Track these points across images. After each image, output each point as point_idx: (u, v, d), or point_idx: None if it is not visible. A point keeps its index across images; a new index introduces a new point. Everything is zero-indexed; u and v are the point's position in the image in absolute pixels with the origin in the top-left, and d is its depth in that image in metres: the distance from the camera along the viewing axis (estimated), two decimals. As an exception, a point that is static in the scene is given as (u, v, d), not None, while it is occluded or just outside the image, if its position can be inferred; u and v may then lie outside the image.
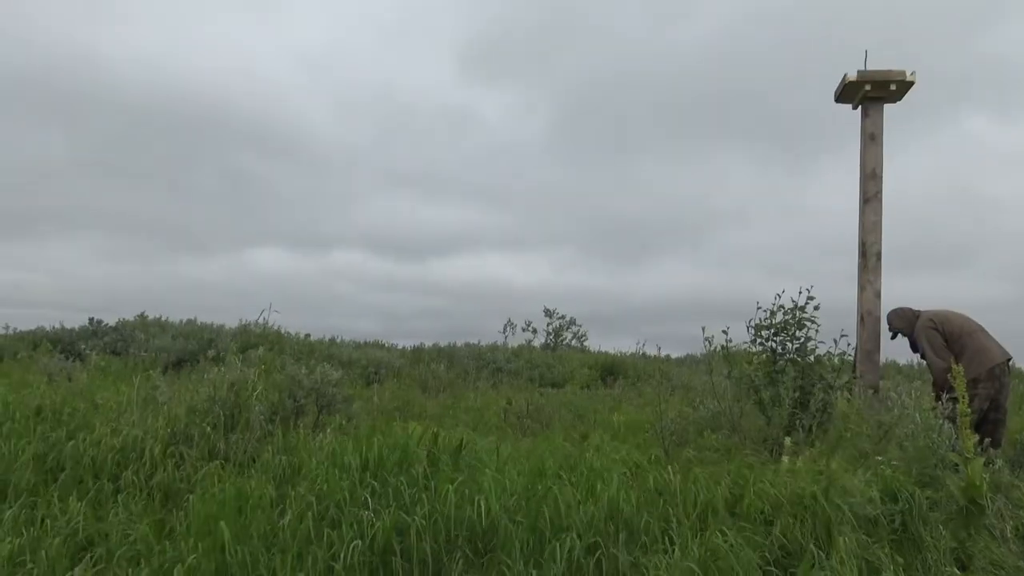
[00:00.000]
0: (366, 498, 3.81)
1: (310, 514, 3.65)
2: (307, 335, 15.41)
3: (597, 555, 3.34)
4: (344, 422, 6.48)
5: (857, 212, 7.26)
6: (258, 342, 12.81)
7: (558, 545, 3.32)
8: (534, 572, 3.22)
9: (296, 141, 45.14)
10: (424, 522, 3.50)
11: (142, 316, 15.85)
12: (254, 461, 4.93)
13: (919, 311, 6.76)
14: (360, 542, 3.40)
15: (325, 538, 3.51)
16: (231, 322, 15.45)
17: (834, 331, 6.54)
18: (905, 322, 6.76)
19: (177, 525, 3.92)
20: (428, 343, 18.14)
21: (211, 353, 10.98)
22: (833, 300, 7.08)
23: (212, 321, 15.78)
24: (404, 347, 18.03)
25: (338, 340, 17.11)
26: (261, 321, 14.52)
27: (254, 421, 5.53)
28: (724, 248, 42.22)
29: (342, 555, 3.32)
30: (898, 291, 7.20)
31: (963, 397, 4.57)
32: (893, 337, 6.89)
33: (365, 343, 17.88)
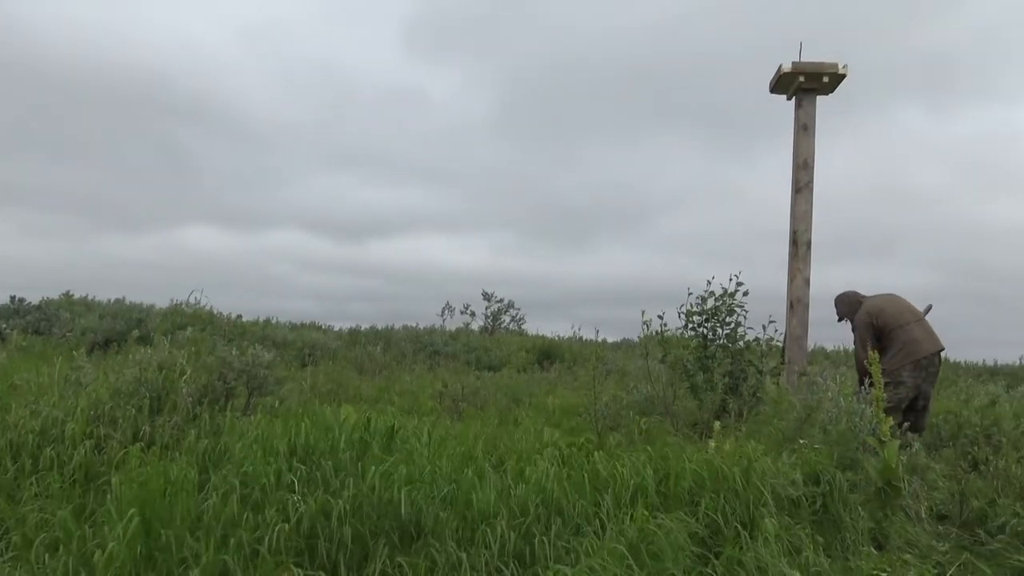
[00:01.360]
0: (293, 481, 3.75)
1: (235, 497, 3.58)
2: (238, 316, 15.11)
3: (527, 539, 3.35)
4: (276, 404, 6.38)
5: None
6: (189, 323, 12.50)
7: (488, 529, 3.32)
8: (463, 556, 3.22)
9: (233, 117, 44.11)
10: (349, 506, 3.46)
11: (67, 295, 15.33)
12: (180, 444, 4.82)
13: (863, 298, 6.92)
14: (286, 525, 3.35)
15: (250, 521, 3.45)
16: (162, 302, 15.07)
17: (771, 316, 6.70)
18: (850, 308, 6.93)
19: (98, 509, 3.80)
20: (365, 325, 17.97)
21: (138, 334, 10.66)
22: (769, 286, 7.26)
23: (142, 301, 15.37)
24: (341, 329, 17.85)
25: (273, 321, 16.84)
26: (192, 301, 14.20)
27: (182, 403, 5.40)
28: (663, 233, 42.88)
29: (267, 538, 3.27)
30: (831, 279, 7.41)
31: (879, 384, 4.71)
32: (840, 321, 7.08)
33: (301, 325, 17.64)
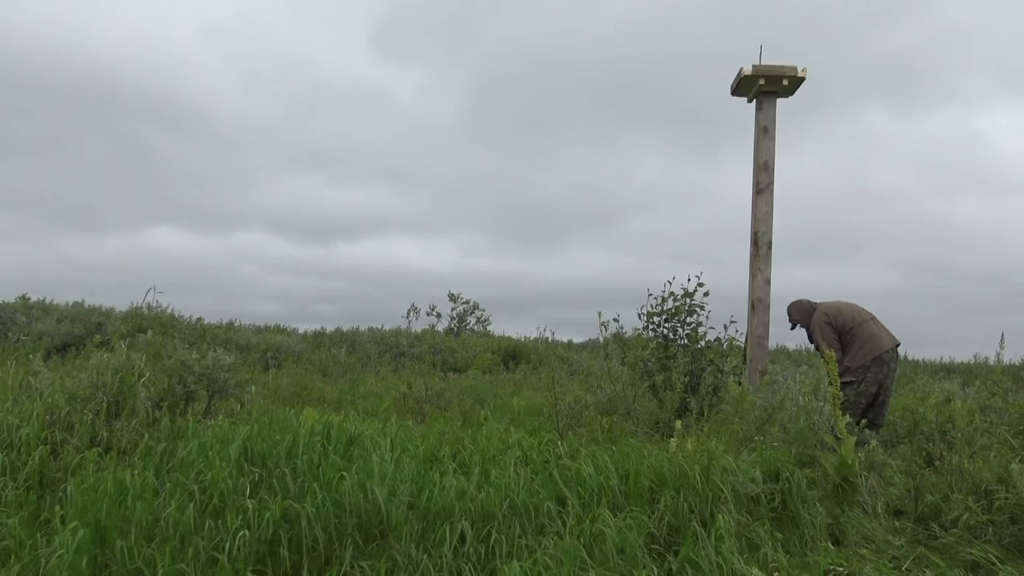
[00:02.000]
0: (253, 486, 3.71)
1: (192, 504, 3.53)
2: (199, 319, 14.93)
3: (488, 539, 3.35)
4: (237, 408, 6.31)
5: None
6: (149, 325, 12.31)
7: (448, 530, 3.32)
8: (424, 557, 3.21)
9: (199, 116, 43.51)
10: (313, 510, 3.43)
11: (23, 298, 15.00)
12: (137, 449, 4.74)
13: (815, 304, 7.06)
14: (247, 532, 3.31)
15: (209, 528, 3.40)
16: (125, 305, 14.82)
17: (736, 315, 6.78)
18: (803, 314, 7.08)
19: (52, 517, 3.73)
20: (331, 327, 17.89)
21: (99, 338, 10.48)
22: (737, 287, 7.34)
23: (102, 304, 15.11)
24: (306, 331, 17.75)
25: (236, 324, 16.69)
26: (153, 304, 13.98)
27: (140, 408, 5.32)
28: (633, 234, 43.12)
29: (227, 545, 3.23)
30: (795, 279, 7.53)
31: (837, 382, 4.79)
32: (792, 328, 7.19)
33: (265, 327, 17.52)
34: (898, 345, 6.69)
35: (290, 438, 4.32)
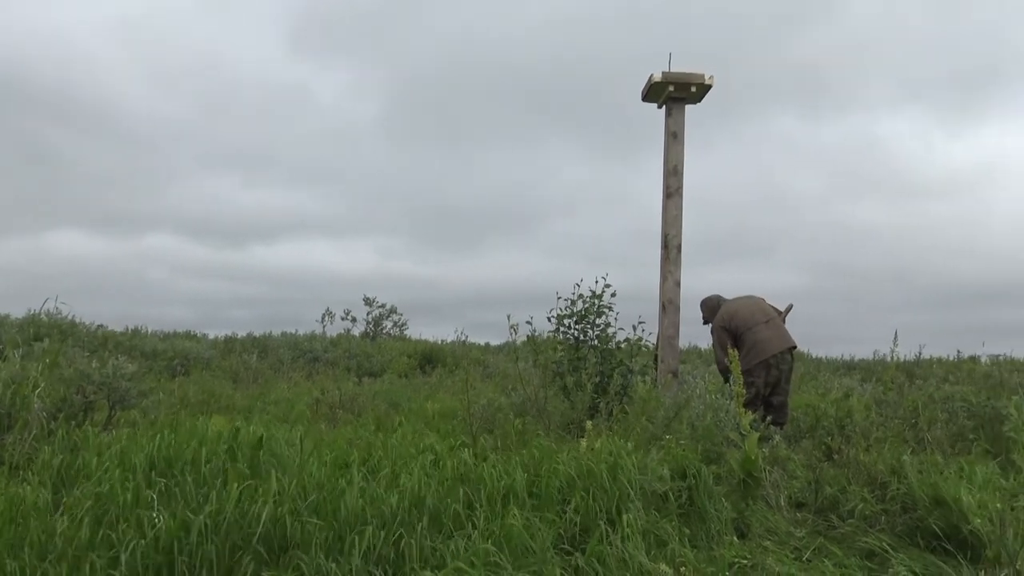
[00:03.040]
0: (152, 498, 3.58)
1: (87, 519, 3.38)
2: (100, 326, 14.38)
3: (398, 544, 3.32)
4: (139, 418, 6.10)
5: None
6: (47, 333, 11.78)
7: (356, 537, 3.27)
8: (332, 566, 3.16)
9: (105, 114, 41.85)
10: (211, 521, 3.33)
11: (-95, 305, 14.13)
12: (32, 463, 4.52)
13: (724, 301, 7.27)
14: (142, 541, 3.19)
15: (106, 543, 3.27)
16: (21, 312, 14.11)
17: (641, 317, 6.91)
18: (710, 313, 7.29)
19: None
20: (243, 333, 17.49)
21: (-6, 347, 9.94)
22: (650, 288, 7.48)
23: (-3, 311, 14.34)
24: (216, 337, 17.30)
25: (142, 330, 16.13)
26: (53, 311, 13.37)
27: (34, 420, 5.08)
28: (552, 236, 43.47)
29: (122, 558, 3.11)
30: (709, 280, 7.74)
31: (739, 381, 4.93)
32: (705, 323, 7.38)
33: (174, 333, 16.99)
34: (792, 348, 6.93)
35: (195, 446, 4.20)
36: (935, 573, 3.56)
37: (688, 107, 7.68)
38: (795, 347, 7.00)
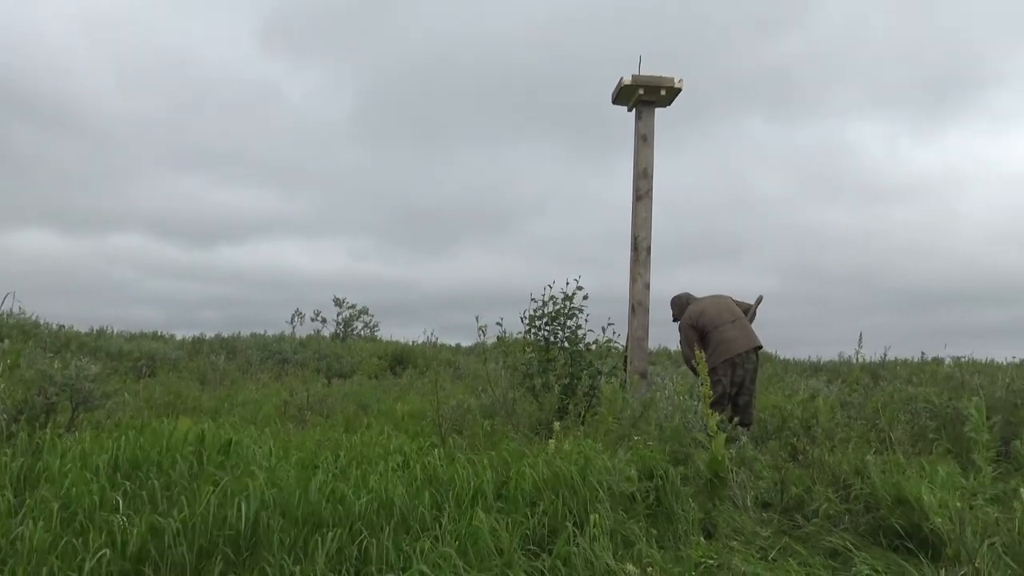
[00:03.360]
0: (118, 502, 3.53)
1: (52, 521, 3.33)
2: (61, 326, 14.16)
3: (363, 545, 3.30)
4: (104, 419, 6.00)
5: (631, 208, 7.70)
6: (7, 334, 11.57)
7: (320, 539, 3.25)
8: (296, 568, 3.14)
9: (71, 110, 41.19)
10: (181, 525, 3.30)
11: None
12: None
13: (691, 300, 7.32)
14: (109, 550, 3.14)
15: (70, 548, 3.22)
16: (-19, 313, 13.83)
17: (610, 318, 6.94)
18: (679, 311, 7.34)
19: None
20: (211, 333, 17.31)
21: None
22: (620, 289, 7.52)
23: (-45, 312, 14.05)
24: (184, 338, 17.12)
25: (108, 331, 15.90)
26: (15, 310, 13.14)
27: (-8, 422, 4.98)
28: (524, 237, 43.50)
29: (87, 564, 3.06)
30: (679, 282, 7.79)
31: (705, 382, 4.98)
32: (674, 321, 7.43)
33: (141, 334, 16.78)
34: (758, 348, 7.00)
35: (161, 449, 4.15)
36: (897, 571, 3.61)
37: (658, 110, 7.73)
38: (760, 347, 7.07)
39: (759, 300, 7.33)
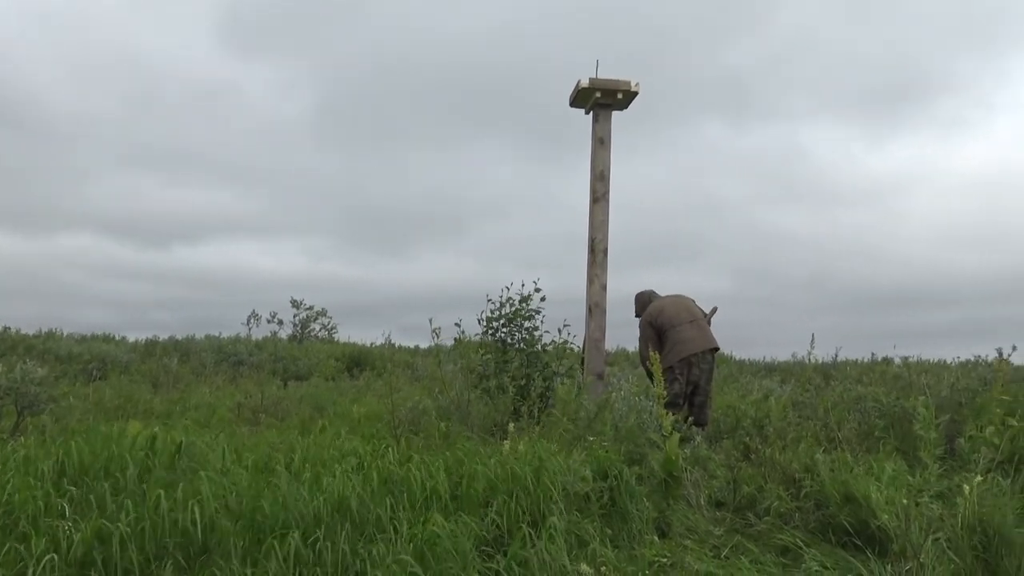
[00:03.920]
0: (64, 507, 3.45)
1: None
2: (7, 328, 13.83)
3: (317, 548, 3.27)
4: (50, 423, 5.87)
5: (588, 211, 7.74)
6: (-48, 337, 11.26)
7: (275, 542, 3.22)
8: (250, 572, 3.10)
9: (19, 106, 40.06)
10: (130, 530, 3.23)
11: None
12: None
13: (654, 298, 7.39)
14: (55, 556, 3.07)
15: (12, 553, 3.14)
16: (-81, 314, 13.47)
17: (566, 320, 6.97)
18: (641, 307, 7.41)
19: None
20: (165, 336, 17.03)
21: None
22: (577, 291, 7.56)
23: None
24: (137, 340, 16.82)
25: (57, 333, 15.56)
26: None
27: (-66, 427, 4.85)
28: (484, 239, 43.43)
29: (30, 570, 2.99)
30: (638, 284, 7.82)
31: (660, 382, 5.02)
32: (636, 316, 7.49)
33: (92, 336, 16.45)
34: (715, 349, 7.09)
35: (111, 452, 4.06)
36: (845, 568, 3.68)
37: (615, 113, 7.78)
38: (717, 348, 7.15)
39: (714, 310, 7.42)
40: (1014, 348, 5.78)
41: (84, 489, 3.69)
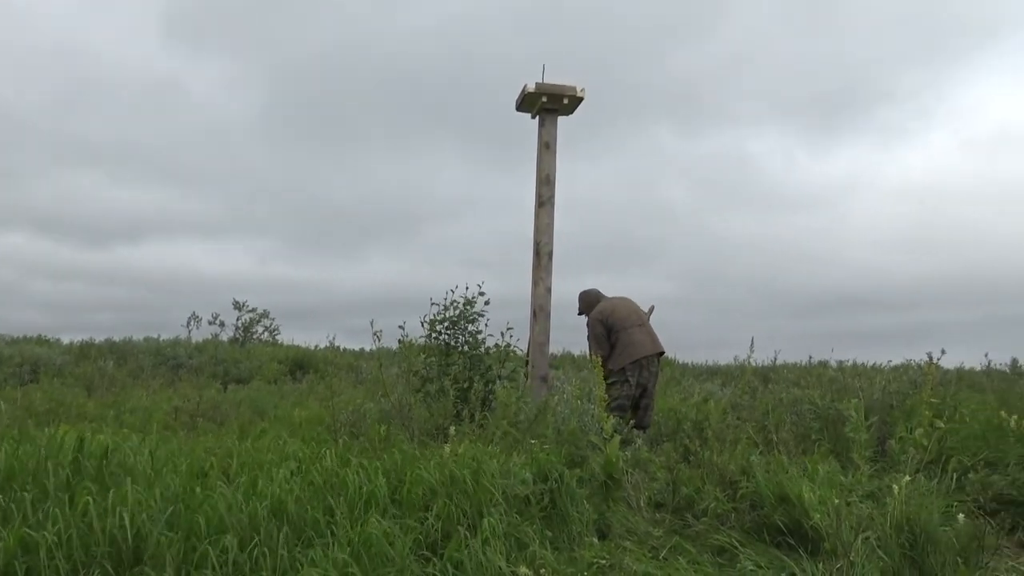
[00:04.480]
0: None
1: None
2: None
3: (254, 553, 3.22)
4: (-25, 429, 5.65)
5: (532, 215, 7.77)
6: None
7: (210, 548, 3.16)
8: (182, 579, 3.04)
9: (-57, 104, 38.60)
10: (57, 539, 3.14)
11: None
12: None
13: (601, 298, 7.42)
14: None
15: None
16: None
17: (522, 322, 6.99)
18: (587, 306, 7.43)
19: None
20: (102, 338, 16.58)
21: None
22: (523, 294, 7.58)
23: None
24: (72, 342, 16.36)
25: (-16, 335, 15.06)
26: None
27: None
28: (434, 242, 43.21)
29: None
30: (588, 285, 7.81)
31: (602, 385, 5.07)
32: (580, 314, 7.52)
33: (24, 338, 15.96)
34: (661, 353, 7.18)
35: (38, 458, 3.94)
36: (779, 567, 3.75)
37: (561, 118, 7.84)
38: (663, 353, 7.24)
39: (651, 309, 7.51)
40: (943, 352, 5.96)
41: (9, 497, 3.56)
